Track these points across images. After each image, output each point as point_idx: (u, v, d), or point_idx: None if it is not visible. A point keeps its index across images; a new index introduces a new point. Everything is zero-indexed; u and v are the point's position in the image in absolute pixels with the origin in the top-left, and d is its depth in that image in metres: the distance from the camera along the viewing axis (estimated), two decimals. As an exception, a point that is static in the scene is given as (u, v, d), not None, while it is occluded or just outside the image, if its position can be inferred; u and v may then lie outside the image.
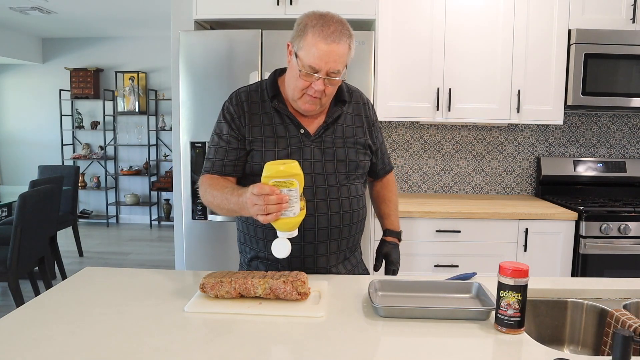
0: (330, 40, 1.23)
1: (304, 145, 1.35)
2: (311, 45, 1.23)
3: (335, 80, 1.28)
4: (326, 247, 1.37)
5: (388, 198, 1.61)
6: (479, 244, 2.48)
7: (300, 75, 1.27)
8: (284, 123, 1.36)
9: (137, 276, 1.34)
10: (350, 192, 1.39)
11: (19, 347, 0.91)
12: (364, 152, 1.43)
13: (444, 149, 3.07)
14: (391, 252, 1.55)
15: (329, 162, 1.36)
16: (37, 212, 3.07)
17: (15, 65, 6.41)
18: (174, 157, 2.73)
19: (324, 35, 1.23)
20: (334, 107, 1.40)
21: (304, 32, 1.26)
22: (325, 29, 1.23)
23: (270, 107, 1.38)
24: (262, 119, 1.37)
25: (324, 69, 1.24)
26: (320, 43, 1.23)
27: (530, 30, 2.63)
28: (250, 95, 1.40)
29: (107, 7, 4.78)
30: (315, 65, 1.24)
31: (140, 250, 5.10)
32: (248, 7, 2.54)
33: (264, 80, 1.45)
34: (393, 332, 1.01)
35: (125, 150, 6.44)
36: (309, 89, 1.28)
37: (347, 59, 1.28)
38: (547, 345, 1.01)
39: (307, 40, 1.24)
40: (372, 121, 1.49)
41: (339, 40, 1.24)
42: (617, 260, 2.43)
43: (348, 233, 1.40)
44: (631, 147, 3.05)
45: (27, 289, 3.34)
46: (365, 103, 1.49)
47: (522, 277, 1.00)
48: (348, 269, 1.45)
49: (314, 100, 1.30)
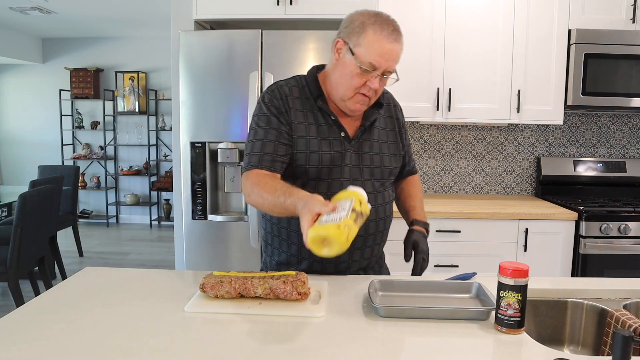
0: (392, 39, 1.23)
1: (345, 149, 1.32)
2: (373, 42, 1.22)
3: (389, 80, 1.27)
4: (361, 254, 1.36)
5: (414, 193, 1.57)
6: (479, 244, 2.48)
7: (357, 73, 1.24)
8: (327, 124, 1.32)
9: (137, 276, 1.34)
10: (384, 199, 1.38)
11: (19, 347, 0.91)
12: (396, 157, 1.41)
13: (444, 149, 3.07)
14: (420, 240, 1.47)
15: (366, 167, 1.34)
16: (37, 212, 3.07)
17: (15, 65, 6.41)
18: (174, 157, 2.73)
19: (385, 33, 1.22)
20: (371, 109, 1.37)
21: (362, 29, 1.24)
22: (386, 27, 1.23)
23: (315, 106, 1.33)
24: (307, 117, 1.32)
25: (382, 67, 1.23)
26: (383, 41, 1.22)
27: (530, 30, 2.63)
28: (292, 91, 1.34)
29: (107, 7, 4.78)
30: (375, 63, 1.22)
31: (140, 250, 5.10)
32: (248, 7, 2.53)
33: (300, 76, 1.40)
34: (393, 332, 1.01)
35: (125, 150, 6.44)
36: (363, 88, 1.26)
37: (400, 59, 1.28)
38: (547, 345, 1.01)
39: (368, 38, 1.22)
40: (402, 123, 1.47)
41: (398, 39, 1.24)
42: (617, 260, 2.43)
43: (381, 239, 1.40)
44: (631, 147, 3.05)
45: (27, 289, 3.34)
46: (395, 104, 1.48)
47: (522, 277, 1.00)
48: (376, 272, 1.45)
49: (364, 100, 1.28)
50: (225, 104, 2.39)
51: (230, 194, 2.55)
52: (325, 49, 2.34)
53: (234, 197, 2.55)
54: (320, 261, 1.33)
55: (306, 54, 2.35)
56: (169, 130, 6.24)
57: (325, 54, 2.34)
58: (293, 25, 2.68)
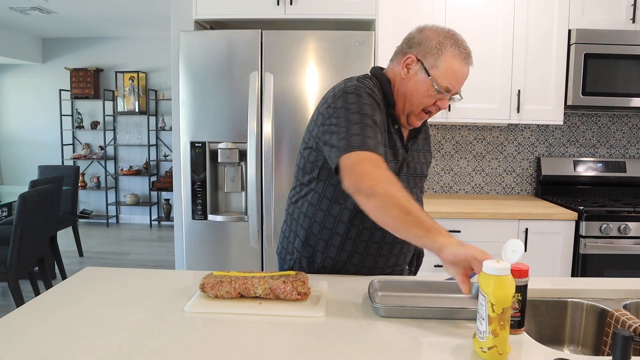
0: (469, 62, 1.25)
1: (403, 159, 1.33)
2: (451, 67, 1.23)
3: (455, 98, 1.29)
4: (385, 261, 1.37)
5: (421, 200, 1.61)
6: (479, 244, 2.46)
7: (432, 95, 1.25)
8: (391, 132, 1.30)
9: (137, 276, 1.34)
10: (421, 206, 1.40)
11: (19, 347, 0.91)
12: (429, 165, 1.44)
13: (444, 149, 3.07)
14: (421, 253, 1.57)
15: (411, 176, 1.36)
16: (37, 212, 3.07)
17: (15, 65, 6.41)
18: (174, 157, 2.73)
19: (463, 57, 1.23)
20: None
21: (440, 51, 1.23)
22: (462, 50, 1.24)
23: (388, 113, 1.30)
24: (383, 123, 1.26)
25: (458, 90, 1.25)
26: (462, 66, 1.23)
27: (530, 31, 2.63)
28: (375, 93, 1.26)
29: (107, 7, 4.78)
30: (451, 87, 1.24)
31: (140, 250, 5.10)
32: (248, 7, 2.54)
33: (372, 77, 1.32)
34: (393, 332, 1.01)
35: (125, 150, 6.44)
36: (432, 107, 1.27)
37: None
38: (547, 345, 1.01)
39: (447, 62, 1.22)
40: (428, 132, 1.49)
41: (470, 62, 1.26)
42: (617, 260, 2.43)
43: (407, 248, 1.41)
44: (631, 147, 3.05)
45: (27, 289, 3.35)
46: None
47: (522, 277, 1.00)
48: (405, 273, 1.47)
49: (425, 117, 1.31)
50: (225, 104, 2.39)
51: (230, 194, 2.55)
52: (325, 49, 2.34)
53: (234, 197, 2.55)
54: (369, 267, 1.36)
55: (306, 54, 2.35)
56: (169, 130, 6.24)
57: (325, 54, 2.34)
58: (293, 25, 2.68)
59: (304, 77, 2.35)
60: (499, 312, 0.87)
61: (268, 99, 2.36)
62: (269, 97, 2.36)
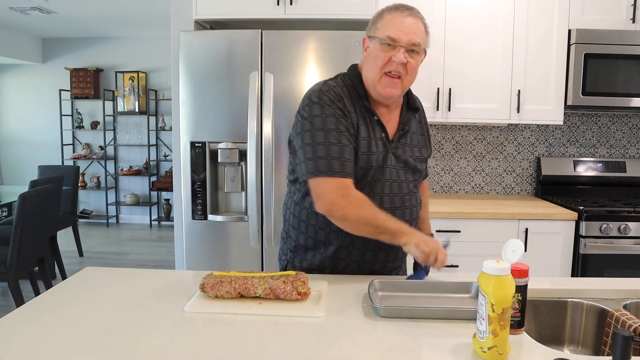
0: (407, 14, 1.26)
1: (386, 150, 1.33)
2: (389, 20, 1.27)
3: (418, 56, 1.28)
4: (385, 256, 1.37)
5: (424, 202, 1.60)
6: (479, 244, 2.48)
7: (380, 50, 1.26)
8: (371, 124, 1.32)
9: (137, 276, 1.34)
10: (416, 200, 1.40)
11: (19, 347, 0.91)
12: (425, 160, 1.44)
13: (444, 149, 3.07)
14: None
15: (401, 169, 1.35)
16: (37, 212, 3.07)
17: (15, 65, 6.41)
18: (174, 157, 2.73)
19: (399, 11, 1.27)
20: (406, 113, 1.38)
21: (380, 16, 1.30)
22: (401, 7, 1.28)
23: (362, 106, 1.32)
24: (359, 117, 1.30)
25: (404, 39, 1.24)
26: (397, 17, 1.26)
27: (530, 31, 2.63)
28: (344, 92, 1.32)
29: (107, 7, 4.78)
30: (394, 36, 1.25)
31: (140, 250, 5.10)
32: (248, 7, 2.53)
33: (344, 75, 1.36)
34: (393, 332, 1.01)
35: (125, 150, 6.44)
36: (389, 65, 1.26)
37: (425, 38, 1.29)
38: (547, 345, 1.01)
39: (384, 19, 1.28)
40: (428, 128, 1.50)
41: (415, 15, 1.28)
42: (617, 260, 2.43)
43: None
44: (631, 147, 3.05)
45: (27, 289, 3.35)
46: (423, 109, 1.49)
47: (522, 277, 1.00)
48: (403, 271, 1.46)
49: (394, 82, 1.28)
50: (225, 104, 2.39)
51: (230, 194, 2.55)
52: (325, 49, 2.34)
53: (234, 197, 2.55)
54: (357, 262, 1.36)
55: (306, 54, 2.35)
56: (169, 130, 6.24)
57: (325, 54, 2.34)
58: (293, 25, 2.68)
59: (304, 77, 2.35)
60: (499, 312, 0.87)
61: (268, 99, 2.36)
62: (269, 97, 2.36)
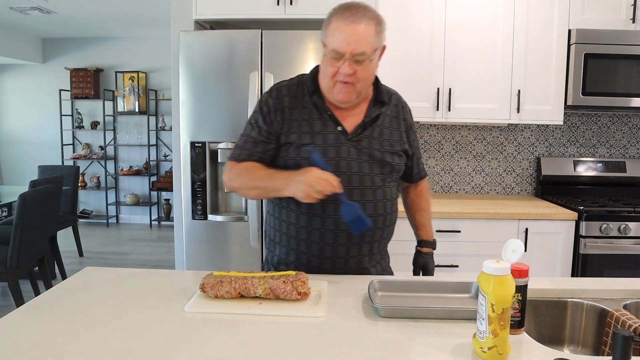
0: (349, 21, 1.25)
1: (340, 143, 1.34)
2: (334, 30, 1.26)
3: (365, 63, 1.28)
4: (358, 249, 1.37)
5: (423, 207, 1.59)
6: (479, 244, 2.48)
7: (328, 61, 1.28)
8: (322, 119, 1.35)
9: (137, 276, 1.34)
10: (385, 195, 1.38)
11: (19, 347, 0.91)
12: (400, 155, 1.42)
13: (444, 149, 3.07)
14: (428, 263, 1.55)
15: (365, 162, 1.35)
16: (37, 212, 3.07)
17: (15, 65, 6.41)
18: (174, 157, 2.73)
19: (344, 17, 1.25)
20: (373, 107, 1.39)
21: (328, 21, 1.30)
22: (347, 12, 1.26)
23: (310, 102, 1.37)
24: (302, 113, 1.36)
25: (347, 51, 1.25)
26: (341, 25, 1.25)
27: (530, 30, 2.63)
28: (291, 89, 1.40)
29: (107, 7, 4.78)
30: (338, 48, 1.25)
31: (140, 250, 5.10)
32: (248, 7, 2.53)
33: (304, 74, 1.44)
34: (393, 332, 1.01)
35: (125, 150, 6.44)
36: (338, 75, 1.28)
37: (374, 41, 1.27)
38: (547, 345, 1.01)
39: (331, 27, 1.27)
40: (410, 125, 1.48)
41: (359, 20, 1.25)
42: (617, 260, 2.43)
43: (380, 236, 1.40)
44: (631, 147, 3.05)
45: (27, 289, 3.34)
46: (403, 106, 1.49)
47: (522, 277, 1.00)
48: (378, 272, 1.44)
49: (347, 88, 1.30)
50: (225, 104, 2.39)
51: (230, 194, 2.55)
52: (325, 49, 2.34)
53: (234, 197, 2.55)
54: (318, 256, 1.36)
55: (306, 54, 2.35)
56: (169, 130, 6.23)
57: (325, 54, 2.34)
58: (293, 25, 2.68)
59: (304, 77, 2.35)
60: (499, 312, 0.87)
61: (268, 99, 2.36)
62: (269, 97, 2.36)
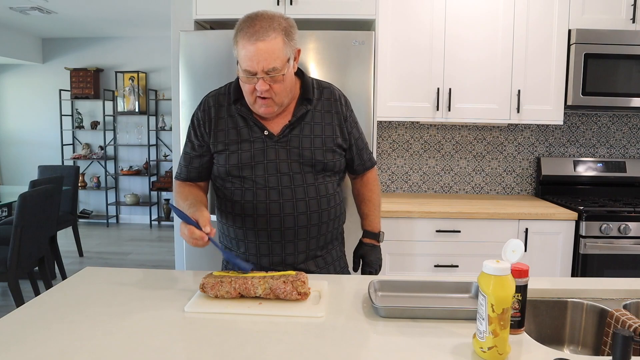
0: (254, 39, 1.21)
1: (267, 146, 1.34)
2: (241, 49, 1.23)
3: (278, 77, 1.25)
4: (294, 246, 1.37)
5: (368, 197, 1.57)
6: (479, 244, 2.48)
7: (242, 79, 1.27)
8: (248, 125, 1.36)
9: (137, 276, 1.34)
10: (318, 192, 1.37)
11: (19, 347, 0.91)
12: (333, 151, 1.39)
13: (444, 149, 3.07)
14: (367, 254, 1.54)
15: (295, 162, 1.35)
16: (37, 212, 3.07)
17: (15, 65, 6.41)
18: (174, 157, 2.73)
19: (248, 35, 1.22)
20: (300, 105, 1.38)
21: (235, 39, 1.25)
22: (250, 29, 1.22)
23: (235, 110, 1.37)
24: (227, 122, 1.37)
25: (258, 69, 1.22)
26: (247, 45, 1.22)
27: (530, 30, 2.63)
28: (218, 99, 1.40)
29: (107, 7, 4.78)
30: (249, 68, 1.23)
31: (140, 250, 5.10)
32: (248, 7, 2.50)
33: (230, 84, 1.43)
34: (393, 332, 1.01)
35: (125, 150, 6.44)
36: (255, 91, 1.27)
37: (283, 54, 1.24)
38: (547, 345, 1.01)
39: (239, 45, 1.24)
40: (345, 117, 1.44)
41: (264, 37, 1.21)
42: (617, 260, 2.43)
43: (317, 232, 1.39)
44: (631, 147, 3.05)
45: (27, 289, 3.34)
46: (336, 99, 1.44)
47: (522, 277, 1.00)
48: (320, 267, 1.44)
49: (267, 102, 1.29)
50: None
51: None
52: (325, 49, 2.34)
53: (234, 197, 2.55)
54: (255, 255, 1.39)
55: (306, 54, 2.35)
56: (169, 130, 6.24)
57: (325, 54, 2.34)
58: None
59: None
60: (499, 312, 0.87)
61: (268, 99, 2.36)
62: (269, 97, 2.36)
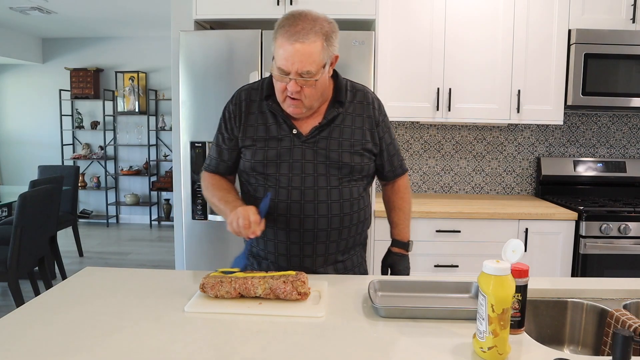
0: (294, 40, 1.20)
1: (294, 145, 1.34)
2: (279, 47, 1.22)
3: (310, 81, 1.24)
4: (312, 249, 1.35)
5: (398, 206, 1.54)
6: (479, 244, 2.48)
7: (277, 78, 1.26)
8: (277, 123, 1.36)
9: (137, 276, 1.34)
10: (342, 195, 1.35)
11: (19, 347, 0.92)
12: (362, 154, 1.37)
13: (444, 149, 3.07)
14: (396, 263, 1.51)
15: (321, 163, 1.34)
16: (37, 212, 3.07)
17: (15, 65, 6.41)
18: (174, 157, 2.73)
19: (288, 35, 1.20)
20: (332, 108, 1.36)
21: (276, 34, 1.24)
22: (292, 28, 1.21)
23: (266, 107, 1.37)
24: (258, 118, 1.38)
25: (292, 70, 1.22)
26: (285, 44, 1.21)
27: (530, 31, 2.63)
28: (250, 94, 1.41)
29: (107, 7, 4.78)
30: (283, 67, 1.22)
31: (140, 250, 5.10)
32: (248, 7, 2.53)
33: (267, 78, 1.41)
34: (393, 332, 1.01)
35: (125, 150, 6.44)
36: (286, 91, 1.27)
37: (320, 58, 1.23)
38: (547, 345, 1.01)
39: (277, 42, 1.23)
40: (377, 121, 1.42)
41: (304, 39, 1.20)
42: (617, 260, 2.43)
43: (338, 236, 1.36)
44: (631, 147, 3.05)
45: (27, 289, 3.34)
46: (369, 102, 1.43)
47: (522, 277, 1.00)
48: (340, 273, 1.41)
49: (296, 103, 1.28)
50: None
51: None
52: (325, 49, 2.34)
53: (234, 197, 2.55)
54: (273, 253, 1.38)
55: (306, 54, 2.35)
56: (169, 130, 6.23)
57: (325, 54, 2.34)
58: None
59: (304, 77, 2.35)
60: (499, 312, 0.87)
61: (268, 99, 2.36)
62: (269, 97, 2.35)
